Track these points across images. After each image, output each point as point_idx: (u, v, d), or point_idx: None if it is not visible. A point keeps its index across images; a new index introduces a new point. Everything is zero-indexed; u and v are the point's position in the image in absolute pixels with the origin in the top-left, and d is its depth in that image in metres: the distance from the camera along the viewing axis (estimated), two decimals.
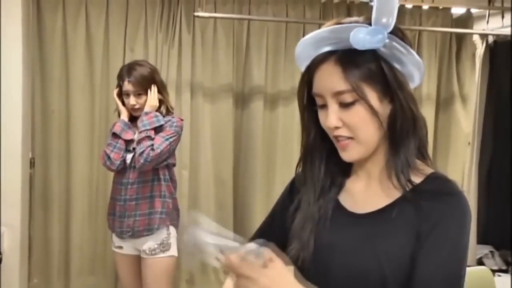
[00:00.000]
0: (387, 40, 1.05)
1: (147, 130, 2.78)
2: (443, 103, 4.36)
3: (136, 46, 3.85)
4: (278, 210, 1.30)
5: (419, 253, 1.03)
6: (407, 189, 1.07)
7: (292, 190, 1.27)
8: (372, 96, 1.06)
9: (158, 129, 2.82)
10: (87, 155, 3.85)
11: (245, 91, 4.15)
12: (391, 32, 1.06)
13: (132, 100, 2.82)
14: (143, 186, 2.84)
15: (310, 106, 1.15)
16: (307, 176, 1.20)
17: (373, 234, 1.09)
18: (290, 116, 4.11)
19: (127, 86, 2.82)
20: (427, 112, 4.26)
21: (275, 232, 1.24)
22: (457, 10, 4.34)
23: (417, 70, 1.10)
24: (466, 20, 4.37)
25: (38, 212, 3.81)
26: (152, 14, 3.87)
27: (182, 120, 2.95)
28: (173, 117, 2.91)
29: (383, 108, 1.07)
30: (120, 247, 2.94)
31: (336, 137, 1.10)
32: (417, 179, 1.08)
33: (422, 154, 1.13)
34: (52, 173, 3.83)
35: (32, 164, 3.73)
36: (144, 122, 2.79)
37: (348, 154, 1.10)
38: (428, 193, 1.06)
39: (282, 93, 4.13)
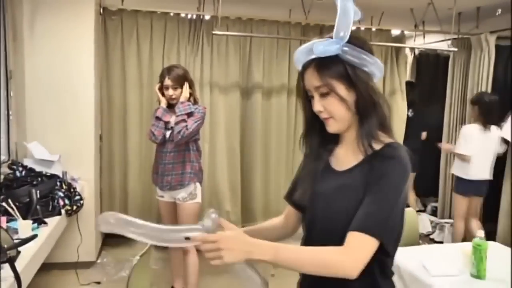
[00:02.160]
0: (346, 48, 1.07)
1: (183, 114, 2.84)
2: (388, 95, 4.56)
3: (171, 56, 4.02)
4: (296, 174, 1.30)
5: (365, 196, 1.05)
6: (368, 153, 1.09)
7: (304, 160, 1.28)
8: (340, 88, 1.09)
9: (189, 114, 2.86)
10: (138, 133, 4.02)
11: (248, 87, 4.23)
12: (350, 42, 1.08)
13: (170, 92, 2.87)
14: (177, 154, 2.89)
15: (306, 97, 1.17)
16: (307, 145, 1.22)
17: (343, 185, 1.12)
18: (280, 104, 4.26)
19: (167, 81, 2.86)
20: None
21: (296, 188, 1.25)
22: (395, 32, 4.56)
23: (377, 69, 1.12)
24: (400, 38, 4.62)
25: (105, 172, 4.01)
26: (183, 33, 4.02)
27: (205, 108, 2.98)
28: (199, 106, 2.94)
29: (350, 96, 1.09)
30: (162, 196, 3.01)
31: (322, 117, 1.14)
32: (377, 147, 1.10)
33: (384, 128, 1.12)
34: (115, 145, 4.01)
35: (100, 138, 3.92)
36: (180, 108, 2.84)
37: (330, 128, 1.14)
38: (381, 156, 1.07)
39: (275, 88, 4.27)
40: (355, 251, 1.01)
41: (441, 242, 4.33)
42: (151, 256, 2.08)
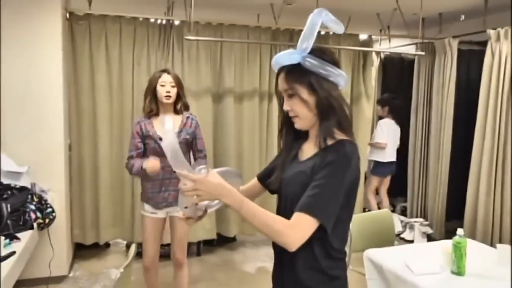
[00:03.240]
0: (308, 59, 1.24)
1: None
2: (355, 98, 4.66)
3: (142, 61, 3.94)
4: (271, 162, 1.50)
5: (312, 181, 1.20)
6: (322, 147, 1.25)
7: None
8: (303, 92, 1.25)
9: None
10: (108, 140, 3.92)
11: (220, 91, 4.21)
12: (314, 53, 1.25)
13: (168, 88, 2.65)
14: None
15: (282, 98, 1.34)
16: (283, 140, 1.41)
17: (298, 172, 1.29)
18: (252, 107, 4.27)
19: (167, 77, 2.66)
20: None
21: (269, 173, 1.44)
22: (362, 36, 4.66)
23: (342, 80, 1.28)
24: (368, 43, 4.71)
25: (75, 182, 3.91)
26: (152, 38, 3.95)
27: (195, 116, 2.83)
28: (191, 114, 2.78)
29: (311, 99, 1.25)
30: (154, 213, 2.74)
31: (290, 115, 1.31)
32: (330, 142, 1.25)
33: (342, 129, 1.26)
34: (84, 154, 3.90)
35: (70, 147, 3.82)
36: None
37: (296, 125, 1.32)
38: (330, 149, 1.23)
39: (246, 92, 4.27)
40: (297, 229, 1.17)
41: (412, 241, 4.47)
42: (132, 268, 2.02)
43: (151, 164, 2.54)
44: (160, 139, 2.62)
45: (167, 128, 2.61)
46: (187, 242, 2.87)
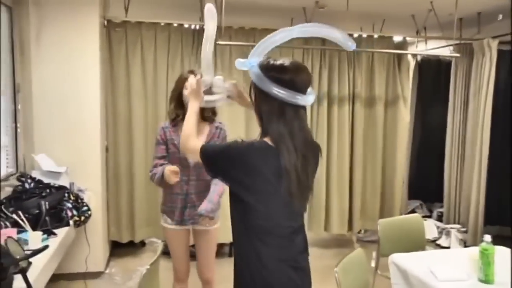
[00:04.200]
0: (253, 70, 1.43)
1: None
2: (390, 102, 4.56)
3: (175, 66, 4.01)
4: None
5: None
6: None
7: None
8: (252, 94, 1.50)
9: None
10: (143, 143, 3.99)
11: None
12: (261, 67, 1.43)
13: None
14: (200, 182, 2.43)
15: None
16: None
17: None
18: None
19: (193, 80, 2.04)
20: (379, 108, 4.48)
21: None
22: (397, 38, 4.57)
23: (284, 96, 1.40)
24: (402, 45, 4.62)
25: (112, 183, 4.01)
26: (186, 43, 4.03)
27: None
28: (220, 123, 2.50)
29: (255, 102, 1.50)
30: (177, 225, 2.49)
31: None
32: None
33: (264, 134, 1.47)
34: (121, 156, 4.00)
35: (107, 149, 3.94)
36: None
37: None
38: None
39: None
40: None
41: (448, 247, 4.33)
42: (160, 266, 2.10)
43: (170, 170, 2.26)
44: None
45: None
46: (214, 257, 2.59)
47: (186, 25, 4.05)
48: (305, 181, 1.47)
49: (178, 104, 2.39)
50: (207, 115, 2.42)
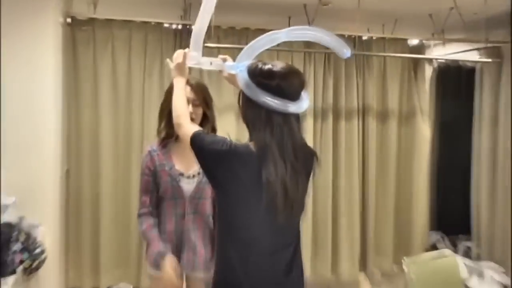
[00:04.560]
0: (243, 75, 1.51)
1: None
2: (406, 115, 4.29)
3: (154, 73, 3.75)
4: None
5: None
6: None
7: None
8: (240, 102, 1.61)
9: None
10: (113, 167, 3.73)
11: None
12: (248, 71, 1.52)
13: (189, 106, 2.08)
14: (198, 215, 2.22)
15: None
16: None
17: None
18: None
19: (187, 92, 2.07)
20: (393, 122, 4.24)
21: None
22: (412, 41, 4.32)
23: (272, 104, 1.48)
24: (419, 49, 4.36)
25: (73, 216, 3.70)
26: (167, 45, 3.76)
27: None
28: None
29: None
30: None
31: None
32: None
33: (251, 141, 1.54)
34: (84, 183, 3.72)
35: (67, 174, 3.64)
36: None
37: None
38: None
39: None
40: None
41: None
42: None
43: (170, 273, 2.00)
44: (181, 174, 2.16)
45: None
46: None
47: (166, 24, 3.76)
48: (294, 194, 1.51)
49: (170, 121, 1.99)
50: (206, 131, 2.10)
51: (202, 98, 2.17)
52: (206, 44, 3.37)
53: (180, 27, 3.76)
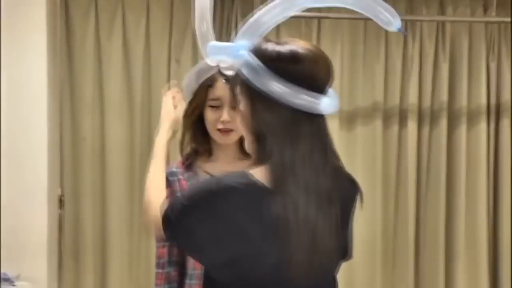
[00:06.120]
0: (249, 61, 1.41)
1: None
2: (472, 114, 4.00)
3: (183, 56, 3.65)
4: None
5: None
6: None
7: None
8: (241, 102, 1.49)
9: None
10: (126, 192, 3.67)
11: None
12: (257, 55, 1.41)
13: (226, 112, 2.11)
14: None
15: None
16: None
17: None
18: (371, 132, 3.92)
19: (220, 87, 2.13)
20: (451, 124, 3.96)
21: None
22: None
23: (298, 100, 1.40)
24: None
25: (69, 263, 3.66)
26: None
27: None
28: None
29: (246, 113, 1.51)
30: None
31: None
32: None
33: (259, 163, 1.48)
34: (85, 214, 3.67)
35: (61, 203, 3.60)
36: None
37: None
38: None
39: (360, 109, 3.91)
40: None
41: None
42: None
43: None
44: None
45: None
46: None
47: None
48: (325, 240, 1.40)
49: (198, 132, 2.14)
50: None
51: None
52: None
53: None
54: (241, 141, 2.09)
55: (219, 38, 3.61)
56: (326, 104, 1.41)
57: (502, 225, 3.94)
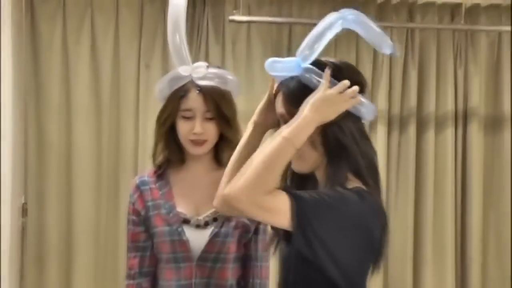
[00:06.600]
0: (309, 73, 1.47)
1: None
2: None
3: (153, 61, 3.64)
4: None
5: None
6: None
7: None
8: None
9: None
10: (92, 200, 3.62)
11: None
12: (316, 65, 1.48)
13: (198, 123, 2.04)
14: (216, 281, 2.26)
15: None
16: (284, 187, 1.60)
17: None
18: None
19: (193, 98, 2.05)
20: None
21: None
22: None
23: (363, 107, 1.50)
24: None
25: (32, 273, 3.57)
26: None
27: None
28: None
29: (316, 133, 1.48)
30: None
31: None
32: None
33: (357, 175, 1.51)
34: (50, 221, 3.59)
35: (24, 211, 3.54)
36: None
37: (294, 166, 1.60)
38: None
39: None
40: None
41: None
42: None
43: None
44: (186, 221, 2.09)
45: None
46: None
47: None
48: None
49: (171, 141, 2.10)
50: (225, 161, 2.14)
51: (215, 109, 2.06)
52: (232, 18, 3.52)
53: None
54: (214, 150, 2.10)
55: (190, 43, 3.57)
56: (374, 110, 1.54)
57: (470, 228, 3.98)
